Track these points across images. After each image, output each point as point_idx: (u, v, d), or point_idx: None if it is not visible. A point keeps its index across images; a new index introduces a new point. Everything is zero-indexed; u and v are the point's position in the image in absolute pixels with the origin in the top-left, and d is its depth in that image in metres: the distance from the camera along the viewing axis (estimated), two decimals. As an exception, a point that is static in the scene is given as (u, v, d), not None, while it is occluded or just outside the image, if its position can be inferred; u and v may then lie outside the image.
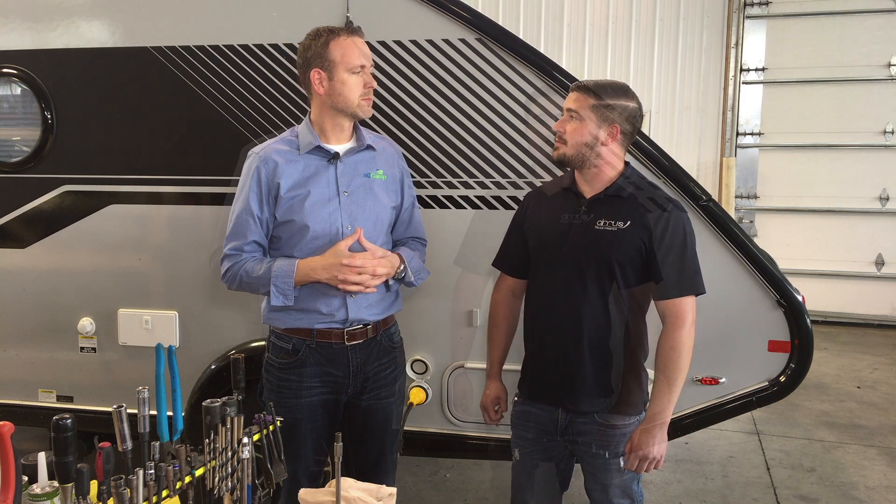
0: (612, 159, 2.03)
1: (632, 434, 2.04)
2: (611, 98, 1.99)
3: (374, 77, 2.63)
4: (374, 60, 2.64)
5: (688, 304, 2.00)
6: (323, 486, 1.73)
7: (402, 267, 2.14)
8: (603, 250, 1.98)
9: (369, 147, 2.18)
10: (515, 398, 2.23)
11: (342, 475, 1.49)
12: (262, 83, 2.74)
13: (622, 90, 2.02)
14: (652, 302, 2.07)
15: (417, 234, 2.32)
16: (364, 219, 2.11)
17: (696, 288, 2.02)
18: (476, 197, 2.67)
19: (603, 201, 2.03)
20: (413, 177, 2.69)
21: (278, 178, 2.07)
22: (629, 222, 1.97)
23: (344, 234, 2.08)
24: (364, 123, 2.67)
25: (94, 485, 1.28)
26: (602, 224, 1.99)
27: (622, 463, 2.04)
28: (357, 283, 2.01)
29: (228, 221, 2.16)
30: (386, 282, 2.15)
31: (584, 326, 2.00)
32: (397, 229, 2.28)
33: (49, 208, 2.97)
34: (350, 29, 2.09)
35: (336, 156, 2.11)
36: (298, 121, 2.57)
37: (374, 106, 2.66)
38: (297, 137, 2.13)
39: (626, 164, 2.09)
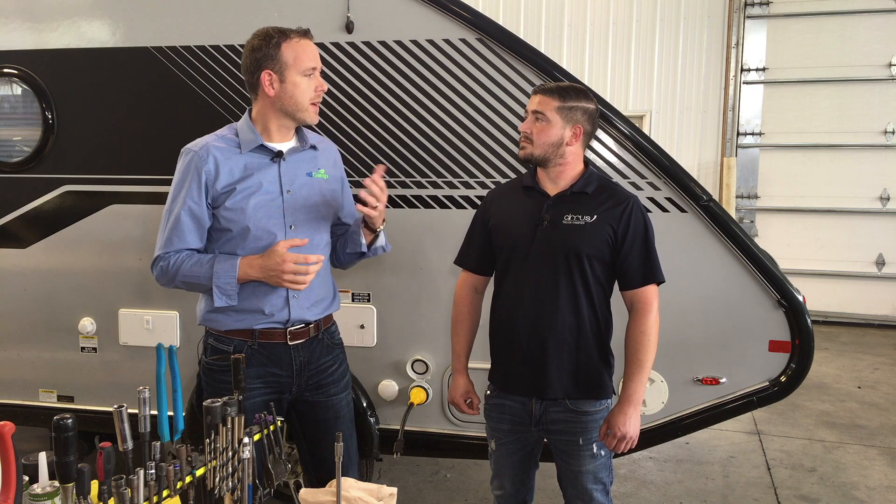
0: (575, 158, 2.13)
1: (608, 416, 2.15)
2: (573, 100, 2.08)
3: (375, 77, 2.66)
4: (374, 60, 2.66)
5: (653, 291, 2.12)
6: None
7: (382, 226, 2.12)
8: (573, 244, 2.07)
9: (312, 147, 2.15)
10: (488, 391, 2.29)
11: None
12: (263, 83, 2.73)
13: (583, 92, 2.13)
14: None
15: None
16: (306, 218, 2.09)
17: (659, 276, 2.13)
18: (477, 197, 2.67)
19: (568, 198, 2.12)
20: (414, 177, 2.70)
21: (219, 175, 2.01)
22: (595, 216, 2.07)
23: (287, 234, 2.05)
24: (363, 124, 2.68)
25: (94, 485, 1.28)
26: (569, 219, 2.08)
27: (595, 448, 2.14)
28: (297, 282, 1.97)
29: (162, 221, 2.07)
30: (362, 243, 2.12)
31: (558, 319, 2.09)
32: (345, 220, 2.26)
33: (50, 208, 2.97)
34: (301, 31, 2.05)
35: (279, 154, 2.08)
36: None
37: (376, 106, 2.68)
38: (237, 136, 2.08)
39: (586, 162, 2.19)
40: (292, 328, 2.11)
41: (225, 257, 2.02)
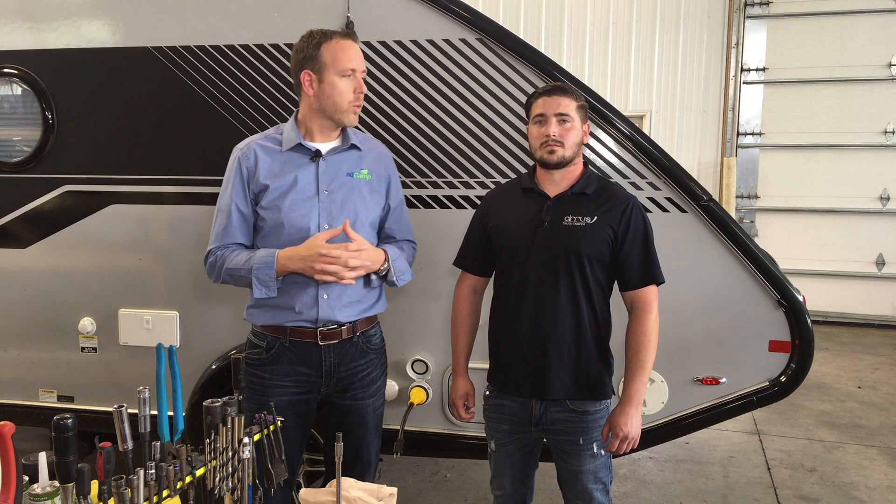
0: (580, 157, 2.16)
1: (609, 417, 2.15)
2: (582, 98, 2.13)
3: (375, 77, 2.65)
4: (374, 60, 2.65)
5: (653, 292, 2.13)
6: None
7: (385, 265, 2.12)
8: (573, 246, 2.07)
9: (354, 146, 2.15)
10: (487, 392, 2.28)
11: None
12: (263, 83, 2.74)
13: (579, 89, 2.17)
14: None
15: (406, 235, 2.30)
16: (343, 218, 2.07)
17: (659, 277, 2.13)
18: (477, 197, 2.67)
19: (568, 199, 2.12)
20: (414, 177, 2.70)
21: (259, 171, 2.07)
22: (596, 217, 2.07)
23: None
24: (363, 124, 2.68)
25: (94, 485, 1.28)
26: (570, 220, 2.08)
27: (595, 448, 2.14)
28: (331, 274, 1.96)
29: (214, 217, 2.14)
30: (368, 277, 2.11)
31: (558, 319, 2.09)
32: (386, 230, 2.26)
33: (50, 208, 2.97)
34: (344, 32, 2.06)
35: (318, 154, 2.10)
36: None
37: (376, 106, 2.68)
38: (282, 135, 2.12)
39: (585, 162, 2.21)
40: (323, 328, 2.11)
41: (264, 250, 2.05)
